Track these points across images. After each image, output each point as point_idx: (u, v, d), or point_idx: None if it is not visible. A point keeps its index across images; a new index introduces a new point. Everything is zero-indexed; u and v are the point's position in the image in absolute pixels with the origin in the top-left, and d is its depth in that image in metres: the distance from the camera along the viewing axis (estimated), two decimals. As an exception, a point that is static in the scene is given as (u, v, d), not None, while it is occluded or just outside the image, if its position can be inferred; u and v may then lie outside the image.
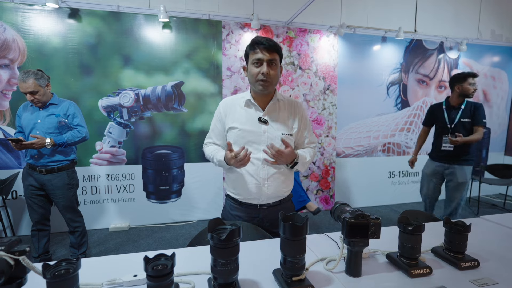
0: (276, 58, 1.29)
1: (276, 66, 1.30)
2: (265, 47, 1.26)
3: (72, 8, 3.09)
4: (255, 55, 1.28)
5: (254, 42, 1.29)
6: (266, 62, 1.27)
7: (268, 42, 1.27)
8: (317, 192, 4.07)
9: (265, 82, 1.29)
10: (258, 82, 1.30)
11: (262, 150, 1.33)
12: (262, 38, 1.28)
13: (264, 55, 1.27)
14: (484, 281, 0.90)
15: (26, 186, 2.29)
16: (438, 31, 4.30)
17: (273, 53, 1.28)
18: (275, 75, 1.31)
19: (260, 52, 1.27)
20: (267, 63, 1.27)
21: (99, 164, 3.32)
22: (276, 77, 1.32)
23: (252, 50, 1.30)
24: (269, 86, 1.31)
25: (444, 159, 2.71)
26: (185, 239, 3.13)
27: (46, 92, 2.20)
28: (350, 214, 0.92)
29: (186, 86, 3.48)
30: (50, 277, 0.66)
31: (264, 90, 1.31)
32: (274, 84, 1.34)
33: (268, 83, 1.30)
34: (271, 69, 1.29)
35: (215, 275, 0.80)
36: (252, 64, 1.30)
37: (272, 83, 1.31)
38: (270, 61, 1.28)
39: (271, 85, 1.31)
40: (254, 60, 1.29)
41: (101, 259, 1.05)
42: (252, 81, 1.33)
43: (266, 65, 1.27)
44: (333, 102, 4.00)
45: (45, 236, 2.40)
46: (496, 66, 4.65)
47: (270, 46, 1.26)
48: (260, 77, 1.28)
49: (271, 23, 3.67)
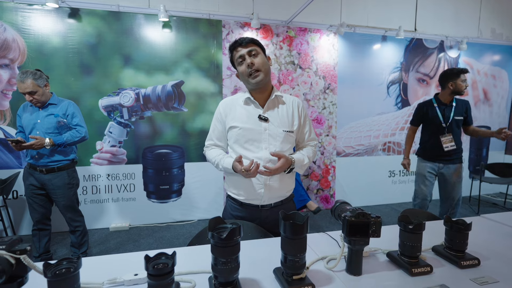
0: (253, 47, 1.33)
1: (258, 54, 1.33)
2: (239, 44, 1.33)
3: (72, 7, 3.09)
4: (236, 55, 1.34)
5: (230, 47, 1.37)
6: (246, 54, 1.32)
7: (242, 39, 1.34)
8: (318, 191, 4.07)
9: (255, 72, 1.31)
10: (249, 77, 1.33)
11: (263, 148, 1.33)
12: (235, 41, 1.36)
13: (241, 50, 1.32)
14: (484, 279, 0.90)
15: (27, 186, 2.29)
16: (438, 30, 4.30)
17: (248, 44, 1.33)
18: (261, 62, 1.32)
19: (238, 51, 1.33)
20: (248, 55, 1.32)
21: (99, 164, 3.32)
22: (263, 64, 1.33)
23: (232, 54, 1.37)
24: (260, 75, 1.32)
25: (439, 159, 2.66)
26: (185, 239, 3.13)
27: (45, 92, 2.20)
28: (350, 212, 0.92)
29: (186, 85, 3.47)
30: (51, 276, 0.66)
31: (257, 81, 1.32)
32: (265, 72, 1.34)
33: (258, 72, 1.31)
34: (254, 57, 1.32)
35: (215, 274, 0.80)
36: (238, 65, 1.35)
37: (261, 71, 1.32)
38: (250, 51, 1.32)
39: (262, 74, 1.32)
40: (237, 59, 1.35)
41: (101, 258, 1.05)
42: (245, 80, 1.36)
43: (247, 57, 1.32)
44: (333, 101, 4.00)
45: (45, 235, 2.40)
46: (497, 65, 4.65)
47: (243, 41, 1.33)
48: (248, 70, 1.31)
49: (271, 23, 3.67)
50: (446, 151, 2.61)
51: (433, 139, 2.67)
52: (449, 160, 2.63)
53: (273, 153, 1.28)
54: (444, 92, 2.62)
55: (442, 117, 2.61)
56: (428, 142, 2.72)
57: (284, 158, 1.27)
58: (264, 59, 1.35)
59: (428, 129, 2.73)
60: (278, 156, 1.27)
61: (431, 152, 2.69)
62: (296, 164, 1.35)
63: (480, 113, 4.67)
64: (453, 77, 2.53)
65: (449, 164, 2.64)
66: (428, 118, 2.68)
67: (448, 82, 2.56)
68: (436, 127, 2.64)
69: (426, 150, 2.74)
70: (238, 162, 1.25)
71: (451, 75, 2.55)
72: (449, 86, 2.56)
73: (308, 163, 1.42)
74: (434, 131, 2.65)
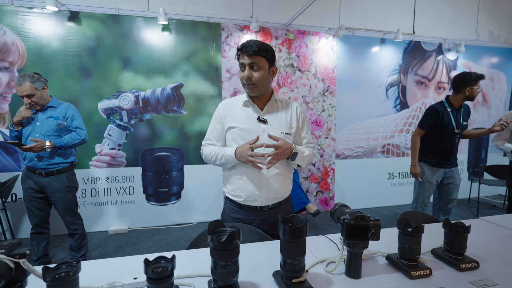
0: (257, 61, 1.29)
1: (259, 68, 1.30)
2: (245, 52, 1.28)
3: (72, 11, 3.09)
4: (240, 60, 1.33)
5: (238, 48, 1.33)
6: (247, 65, 1.30)
7: (249, 48, 1.27)
8: (317, 194, 4.07)
9: (250, 85, 1.32)
10: (244, 85, 1.34)
11: (261, 150, 1.33)
12: (246, 42, 1.30)
13: (244, 60, 1.30)
14: (484, 282, 0.90)
15: (26, 189, 2.28)
16: (437, 32, 4.32)
17: (254, 56, 1.28)
18: (259, 78, 1.30)
19: (242, 57, 1.31)
20: (248, 67, 1.30)
21: (98, 167, 3.32)
22: (260, 80, 1.31)
23: (238, 56, 1.35)
24: (254, 89, 1.32)
25: (447, 164, 2.62)
26: (185, 242, 3.12)
27: (43, 95, 2.20)
28: (349, 215, 0.92)
29: (186, 88, 3.48)
30: (50, 280, 0.66)
31: (250, 93, 1.35)
32: (261, 87, 1.33)
33: (252, 86, 1.32)
34: (254, 71, 1.30)
35: (215, 277, 0.80)
36: (240, 69, 1.35)
37: (256, 86, 1.32)
38: (251, 64, 1.29)
39: (256, 88, 1.32)
40: (239, 64, 1.34)
41: (101, 262, 1.05)
42: (242, 83, 1.37)
43: (247, 69, 1.30)
44: (332, 103, 4.01)
45: (44, 239, 2.39)
46: (495, 67, 4.67)
47: (251, 51, 1.27)
48: (243, 81, 1.32)
49: (270, 25, 3.69)
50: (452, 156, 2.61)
51: (445, 145, 2.56)
52: (453, 165, 2.64)
53: (271, 135, 1.31)
54: (457, 97, 2.51)
55: (455, 122, 2.51)
56: (440, 148, 2.57)
57: (282, 139, 1.30)
58: (263, 74, 1.31)
59: (439, 134, 2.55)
60: (275, 139, 1.30)
61: (443, 159, 2.58)
62: (298, 151, 1.36)
63: (479, 115, 4.68)
64: (471, 83, 2.41)
65: (452, 168, 2.64)
66: (443, 123, 2.52)
67: (465, 87, 2.44)
68: (448, 132, 2.52)
69: (438, 157, 2.59)
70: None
71: (470, 80, 2.41)
72: (465, 91, 2.44)
73: (308, 156, 1.43)
74: (446, 136, 2.53)
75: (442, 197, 2.73)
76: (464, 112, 2.59)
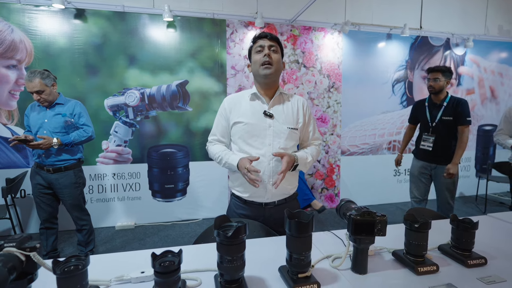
0: (276, 45, 1.37)
1: (277, 52, 1.37)
2: (265, 36, 1.37)
3: (78, 8, 3.11)
4: (257, 43, 1.37)
5: (255, 36, 1.40)
6: (267, 46, 1.34)
7: (269, 34, 1.38)
8: (322, 190, 4.06)
9: (268, 64, 1.33)
10: (261, 66, 1.33)
11: (267, 144, 1.33)
12: (262, 32, 1.41)
13: (265, 42, 1.36)
14: (491, 278, 0.90)
15: (34, 185, 2.32)
16: (444, 27, 4.25)
17: (273, 40, 1.37)
18: (277, 60, 1.36)
19: (262, 40, 1.36)
20: (268, 48, 1.34)
21: (105, 163, 3.35)
22: (278, 62, 1.36)
23: (254, 42, 1.39)
24: (272, 69, 1.33)
25: (429, 159, 2.61)
26: (190, 237, 3.15)
27: (52, 92, 2.23)
28: (356, 211, 0.92)
29: (191, 85, 3.49)
30: (60, 273, 0.67)
31: (267, 73, 1.33)
32: (276, 70, 1.36)
33: (270, 65, 1.33)
34: (273, 53, 1.35)
35: (221, 271, 0.80)
36: (256, 52, 1.37)
37: (274, 67, 1.34)
38: (271, 46, 1.35)
39: (273, 68, 1.34)
40: (257, 47, 1.37)
41: (109, 256, 1.07)
42: (255, 69, 1.37)
43: (267, 49, 1.34)
44: (338, 100, 3.98)
45: (53, 234, 2.43)
46: (504, 62, 4.59)
47: (269, 35, 1.37)
48: (263, 59, 1.33)
49: (275, 21, 3.67)
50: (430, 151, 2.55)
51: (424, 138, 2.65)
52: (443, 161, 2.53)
53: (275, 153, 1.29)
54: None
55: (430, 116, 2.58)
56: (419, 141, 2.71)
57: (286, 156, 1.27)
58: (280, 59, 1.38)
59: (420, 128, 2.73)
60: (280, 155, 1.28)
61: (424, 152, 2.63)
62: (300, 161, 1.35)
63: (487, 111, 4.61)
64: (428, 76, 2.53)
65: (443, 165, 2.53)
66: (418, 117, 2.71)
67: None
68: (424, 126, 2.65)
69: (416, 148, 2.75)
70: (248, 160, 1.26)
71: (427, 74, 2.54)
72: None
73: (312, 161, 1.42)
74: (423, 130, 2.66)
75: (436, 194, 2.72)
76: (448, 108, 2.49)
